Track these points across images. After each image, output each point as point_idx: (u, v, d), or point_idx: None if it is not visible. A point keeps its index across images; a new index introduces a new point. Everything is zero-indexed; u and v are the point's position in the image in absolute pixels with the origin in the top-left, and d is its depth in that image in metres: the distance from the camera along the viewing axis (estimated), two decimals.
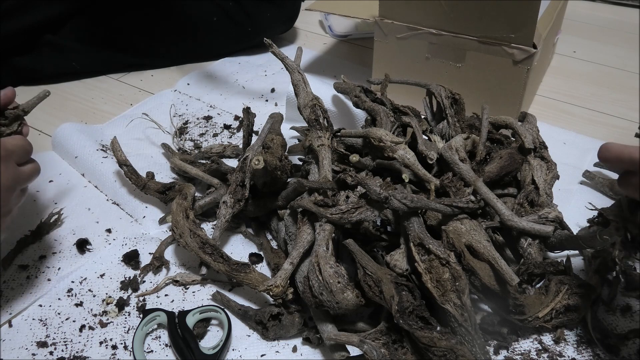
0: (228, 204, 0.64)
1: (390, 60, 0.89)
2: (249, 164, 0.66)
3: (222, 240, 0.68)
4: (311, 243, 0.55)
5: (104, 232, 0.70)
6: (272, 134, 0.69)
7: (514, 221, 0.57)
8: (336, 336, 0.51)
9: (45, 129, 0.90)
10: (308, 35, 1.20)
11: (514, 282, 0.51)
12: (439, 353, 0.47)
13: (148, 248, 0.67)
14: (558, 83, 1.00)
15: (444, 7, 0.78)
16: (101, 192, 0.76)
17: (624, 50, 1.11)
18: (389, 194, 0.53)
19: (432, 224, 0.57)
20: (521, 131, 0.67)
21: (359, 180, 0.56)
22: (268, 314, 0.55)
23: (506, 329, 0.55)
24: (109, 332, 0.57)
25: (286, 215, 0.61)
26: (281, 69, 1.05)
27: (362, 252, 0.53)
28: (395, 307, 0.48)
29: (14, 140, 0.54)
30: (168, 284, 0.63)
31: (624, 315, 0.58)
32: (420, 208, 0.55)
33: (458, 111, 0.72)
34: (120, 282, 0.63)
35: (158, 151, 0.83)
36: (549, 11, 0.88)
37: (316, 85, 0.85)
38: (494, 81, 0.81)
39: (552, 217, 0.59)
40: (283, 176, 0.63)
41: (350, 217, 0.54)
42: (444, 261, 0.50)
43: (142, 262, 0.65)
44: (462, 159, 0.62)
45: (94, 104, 0.96)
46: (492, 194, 0.59)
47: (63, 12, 0.98)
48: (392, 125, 0.69)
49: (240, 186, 0.65)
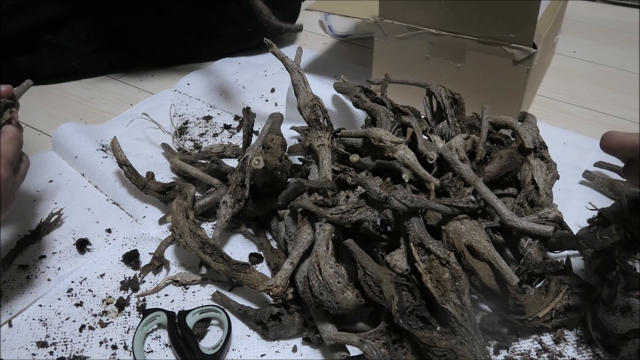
0: (228, 204, 0.64)
1: (390, 60, 0.89)
2: (249, 164, 0.66)
3: (222, 240, 0.68)
4: (311, 243, 0.55)
5: (104, 232, 0.70)
6: (272, 134, 0.69)
7: (513, 221, 0.57)
8: (336, 336, 0.51)
9: (45, 129, 0.90)
10: (308, 35, 1.20)
11: (514, 282, 0.51)
12: (439, 353, 0.47)
13: (148, 248, 0.67)
14: (558, 83, 1.00)
15: (444, 7, 0.78)
16: (101, 192, 0.76)
17: (624, 50, 1.11)
18: (389, 194, 0.53)
19: (432, 224, 0.57)
20: (521, 131, 0.67)
21: (359, 180, 0.56)
22: (268, 314, 0.55)
23: (506, 329, 0.55)
24: (109, 332, 0.57)
25: (286, 215, 0.61)
26: (281, 69, 1.05)
27: (362, 252, 0.53)
28: (395, 307, 0.48)
29: (9, 147, 0.54)
30: (168, 284, 0.63)
31: (624, 315, 0.58)
32: (420, 208, 0.54)
33: (458, 111, 0.72)
34: (120, 282, 0.63)
35: (158, 151, 0.83)
36: (549, 11, 0.88)
37: (316, 85, 0.84)
38: (494, 81, 0.81)
39: (552, 217, 0.59)
40: (283, 176, 0.63)
41: (350, 217, 0.54)
42: (444, 261, 0.50)
43: (142, 262, 0.65)
44: (462, 159, 0.62)
45: (94, 104, 0.96)
46: (492, 194, 0.59)
47: (63, 12, 0.98)
48: (392, 125, 0.69)
49: (240, 186, 0.65)
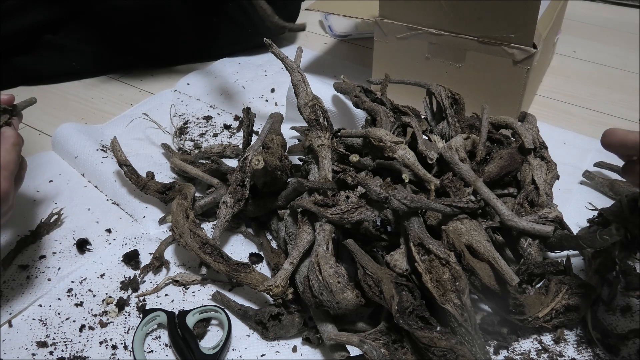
0: (228, 204, 0.64)
1: (390, 60, 0.89)
2: (249, 164, 0.66)
3: (222, 240, 0.68)
4: (311, 243, 0.55)
5: (104, 232, 0.70)
6: (272, 134, 0.69)
7: (514, 221, 0.57)
8: (336, 336, 0.51)
9: (45, 129, 0.90)
10: (308, 35, 1.20)
11: (514, 282, 0.51)
12: (439, 353, 0.47)
13: (148, 248, 0.67)
14: (558, 83, 1.00)
15: (444, 7, 0.78)
16: (101, 192, 0.76)
17: (624, 50, 1.11)
18: (389, 194, 0.53)
19: (432, 224, 0.57)
20: (521, 131, 0.67)
21: (359, 180, 0.56)
22: (268, 314, 0.55)
23: (506, 329, 0.55)
24: (109, 332, 0.57)
25: (286, 215, 0.61)
26: (281, 69, 1.05)
27: (362, 252, 0.53)
28: (395, 307, 0.48)
29: (10, 156, 0.53)
30: (168, 284, 0.63)
31: (624, 315, 0.58)
32: (421, 208, 0.54)
33: (458, 111, 0.72)
34: (120, 282, 0.63)
35: (158, 151, 0.83)
36: (549, 11, 0.88)
37: (316, 85, 0.84)
38: (494, 81, 0.81)
39: (552, 217, 0.59)
40: (283, 176, 0.63)
41: (350, 217, 0.54)
42: (444, 261, 0.50)
43: (142, 262, 0.65)
44: (462, 159, 0.62)
45: (94, 104, 0.96)
46: (492, 194, 0.59)
47: (63, 12, 0.98)
48: (392, 126, 0.69)
49: (240, 186, 0.65)
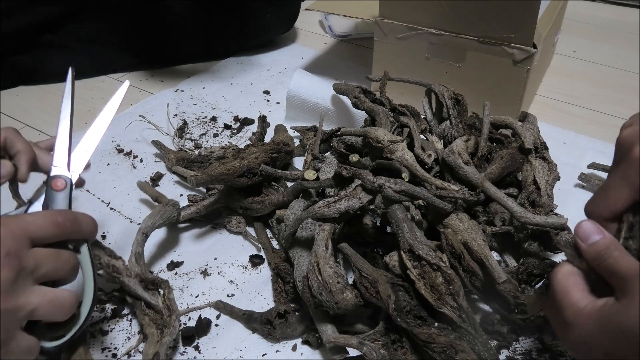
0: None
1: (390, 60, 0.89)
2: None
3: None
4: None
5: (99, 238, 0.68)
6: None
7: (527, 217, 0.57)
8: (335, 339, 0.50)
9: (45, 129, 0.90)
10: (308, 35, 1.20)
11: (501, 279, 0.51)
12: (439, 349, 0.47)
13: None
14: (558, 83, 1.00)
15: (444, 7, 0.78)
16: (97, 198, 0.76)
17: (624, 50, 1.11)
18: (382, 183, 0.53)
19: (432, 220, 0.57)
20: (521, 131, 0.67)
21: (353, 172, 0.56)
22: (275, 312, 0.55)
23: (506, 329, 0.55)
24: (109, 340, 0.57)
25: (286, 216, 0.61)
26: (284, 69, 1.05)
27: (356, 255, 0.53)
28: (392, 305, 0.48)
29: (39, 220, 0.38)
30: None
31: None
32: (415, 197, 0.55)
33: (461, 112, 0.71)
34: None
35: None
36: (549, 11, 0.88)
37: (316, 85, 0.85)
38: (494, 81, 0.81)
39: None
40: (287, 157, 0.71)
41: (337, 206, 0.55)
42: (435, 266, 0.50)
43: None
44: (466, 161, 0.62)
45: (94, 104, 0.96)
46: (501, 192, 0.59)
47: (63, 12, 0.98)
48: (391, 126, 0.69)
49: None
